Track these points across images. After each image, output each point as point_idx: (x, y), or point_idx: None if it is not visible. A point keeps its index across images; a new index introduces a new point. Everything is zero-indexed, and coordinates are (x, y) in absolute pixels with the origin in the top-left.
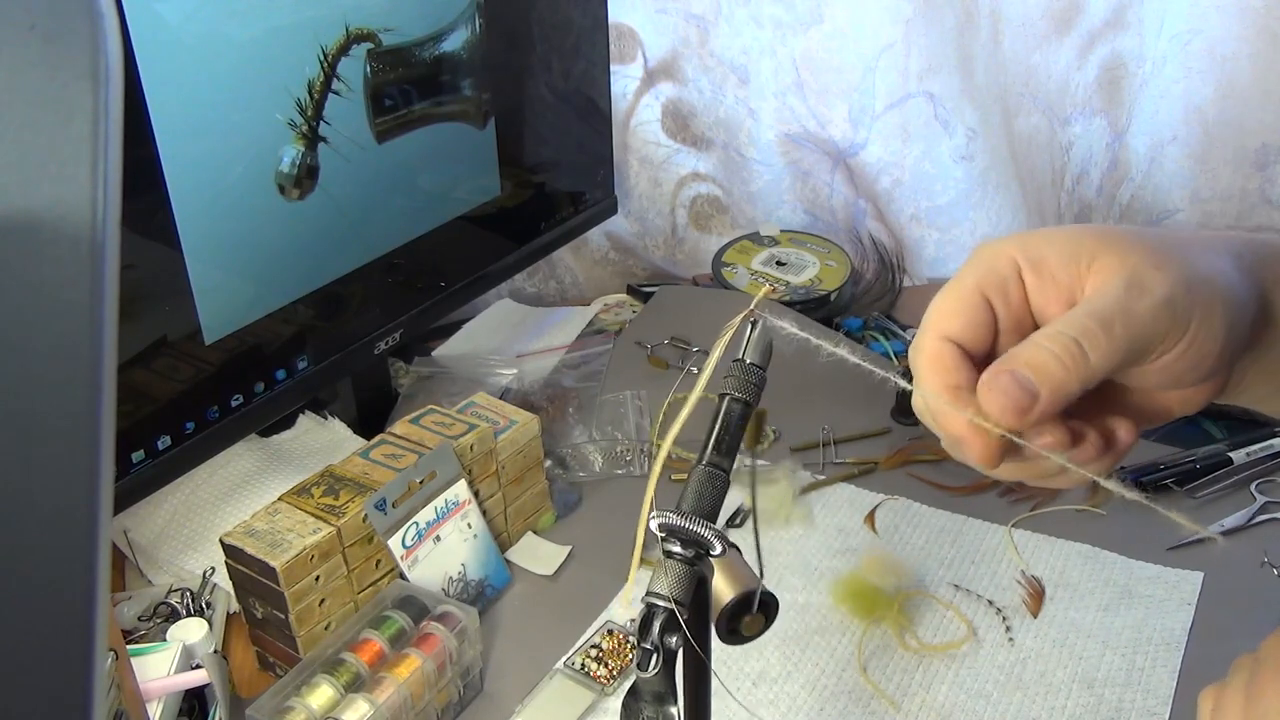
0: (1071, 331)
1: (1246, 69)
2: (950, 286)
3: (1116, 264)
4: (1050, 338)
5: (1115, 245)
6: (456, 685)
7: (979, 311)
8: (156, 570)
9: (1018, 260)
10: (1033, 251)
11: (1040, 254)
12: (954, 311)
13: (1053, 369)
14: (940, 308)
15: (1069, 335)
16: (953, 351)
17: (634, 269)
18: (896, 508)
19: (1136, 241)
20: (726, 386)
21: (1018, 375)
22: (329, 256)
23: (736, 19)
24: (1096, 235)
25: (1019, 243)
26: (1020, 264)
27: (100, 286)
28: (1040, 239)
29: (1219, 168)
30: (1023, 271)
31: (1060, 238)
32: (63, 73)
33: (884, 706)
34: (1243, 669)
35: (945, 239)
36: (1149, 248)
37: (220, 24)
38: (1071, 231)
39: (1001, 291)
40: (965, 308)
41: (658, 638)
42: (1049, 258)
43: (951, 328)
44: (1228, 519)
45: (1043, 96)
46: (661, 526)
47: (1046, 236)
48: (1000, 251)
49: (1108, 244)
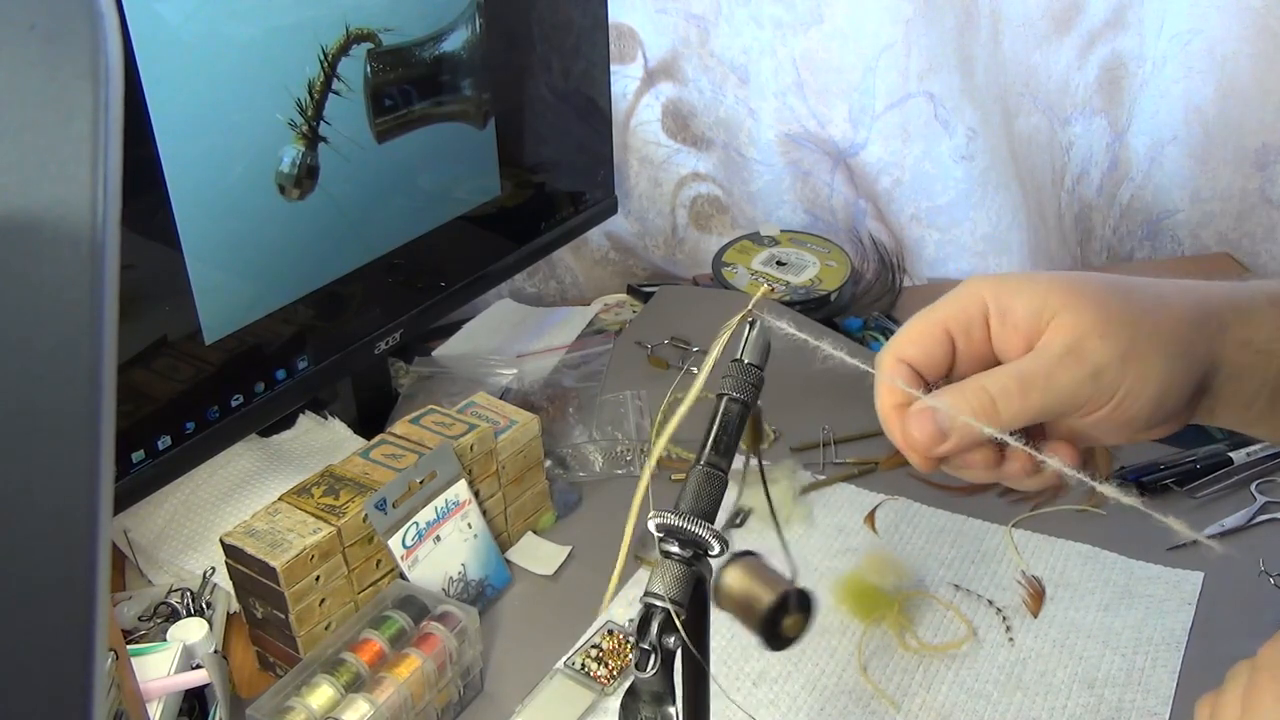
0: (992, 389)
1: (1246, 69)
2: (921, 314)
3: (1068, 327)
4: (975, 390)
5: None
6: (456, 685)
7: (938, 345)
8: (156, 570)
9: (988, 305)
10: (1004, 299)
11: (1009, 304)
12: (915, 339)
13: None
14: (906, 332)
15: (988, 392)
16: (905, 372)
17: (634, 269)
18: (896, 508)
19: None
20: (724, 386)
21: (937, 415)
22: (329, 256)
23: (736, 19)
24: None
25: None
26: (989, 308)
27: (100, 286)
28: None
29: (1219, 168)
30: (990, 316)
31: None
32: (63, 73)
33: (884, 706)
34: (1239, 676)
35: (945, 239)
36: (1106, 312)
37: (220, 24)
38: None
39: (964, 330)
40: (926, 339)
41: (655, 638)
42: (1016, 309)
43: (909, 352)
44: (1228, 519)
45: (1043, 96)
46: (659, 527)
47: (1019, 286)
48: (975, 293)
49: (1070, 303)
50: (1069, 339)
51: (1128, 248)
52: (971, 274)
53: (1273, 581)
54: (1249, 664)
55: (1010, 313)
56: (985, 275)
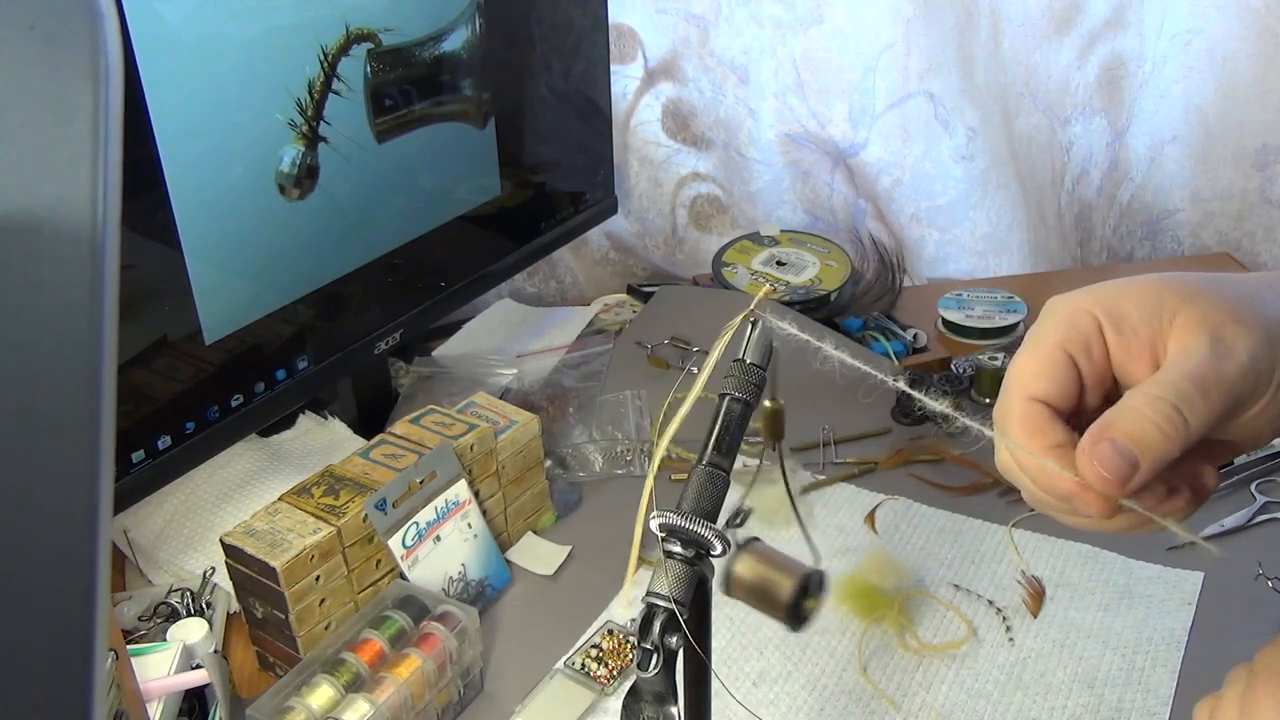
0: (1171, 397)
1: (1246, 69)
2: (1032, 346)
3: (1198, 320)
4: (1150, 404)
5: (1196, 300)
6: (456, 685)
7: (1064, 370)
8: (156, 570)
9: (1098, 317)
10: (1112, 308)
11: (1121, 310)
12: (1039, 372)
13: (1154, 438)
14: (1024, 368)
15: (1168, 401)
16: (1044, 412)
17: (634, 269)
18: (896, 508)
19: (1215, 295)
20: (726, 386)
21: (1118, 445)
22: (329, 256)
23: (736, 19)
24: (1176, 289)
25: (1097, 298)
26: (1101, 321)
27: (100, 286)
28: (1117, 293)
29: (1219, 168)
30: (1104, 329)
31: (1139, 292)
32: (63, 73)
33: (884, 706)
34: (1238, 681)
35: (945, 239)
36: (1228, 302)
37: (220, 24)
38: (1149, 285)
39: (1085, 349)
40: (1050, 367)
41: (658, 638)
42: (1130, 314)
43: (1038, 388)
44: (1228, 519)
45: (1043, 96)
46: (662, 526)
47: (1123, 290)
48: (1080, 308)
49: (1188, 299)
50: (1209, 333)
51: (1128, 248)
52: (972, 274)
53: (1270, 585)
54: (1247, 668)
55: (1126, 318)
56: (1070, 294)
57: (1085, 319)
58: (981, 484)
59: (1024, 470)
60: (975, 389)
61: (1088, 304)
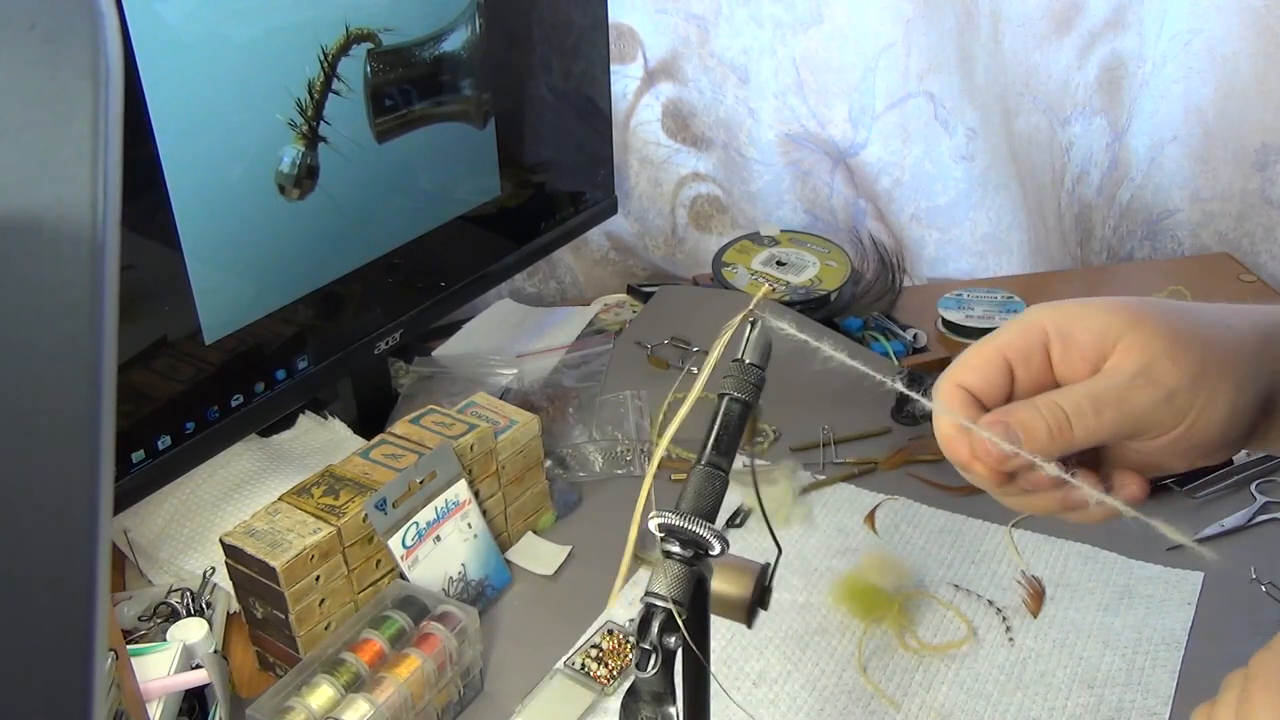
0: (1066, 406)
1: (1246, 69)
2: (979, 344)
3: (1138, 349)
4: (1048, 406)
5: (1142, 328)
6: (456, 685)
7: (996, 373)
8: (156, 570)
9: (1048, 332)
10: (1064, 325)
11: (1071, 329)
12: (974, 367)
13: (1039, 434)
14: (964, 360)
15: (1062, 408)
16: (963, 396)
17: (634, 269)
18: (896, 508)
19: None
20: (726, 386)
21: (1008, 427)
22: (329, 256)
23: (736, 19)
24: (1129, 316)
25: (1055, 315)
26: (1050, 336)
27: (100, 286)
28: (1076, 313)
29: (1219, 168)
30: (1050, 343)
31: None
32: (63, 73)
33: (884, 706)
34: (1233, 686)
35: (945, 239)
36: (1173, 335)
37: (220, 24)
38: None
39: (1024, 358)
40: (985, 366)
41: (656, 638)
42: (1078, 333)
43: (967, 379)
44: (1227, 519)
45: (1043, 96)
46: (660, 526)
47: (1083, 310)
48: (1035, 321)
49: (1136, 325)
50: (1140, 361)
51: (1128, 248)
52: (972, 274)
53: (1264, 589)
54: (1242, 673)
55: (1073, 338)
56: (1044, 304)
57: (1035, 332)
58: None
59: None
60: None
61: (1045, 319)
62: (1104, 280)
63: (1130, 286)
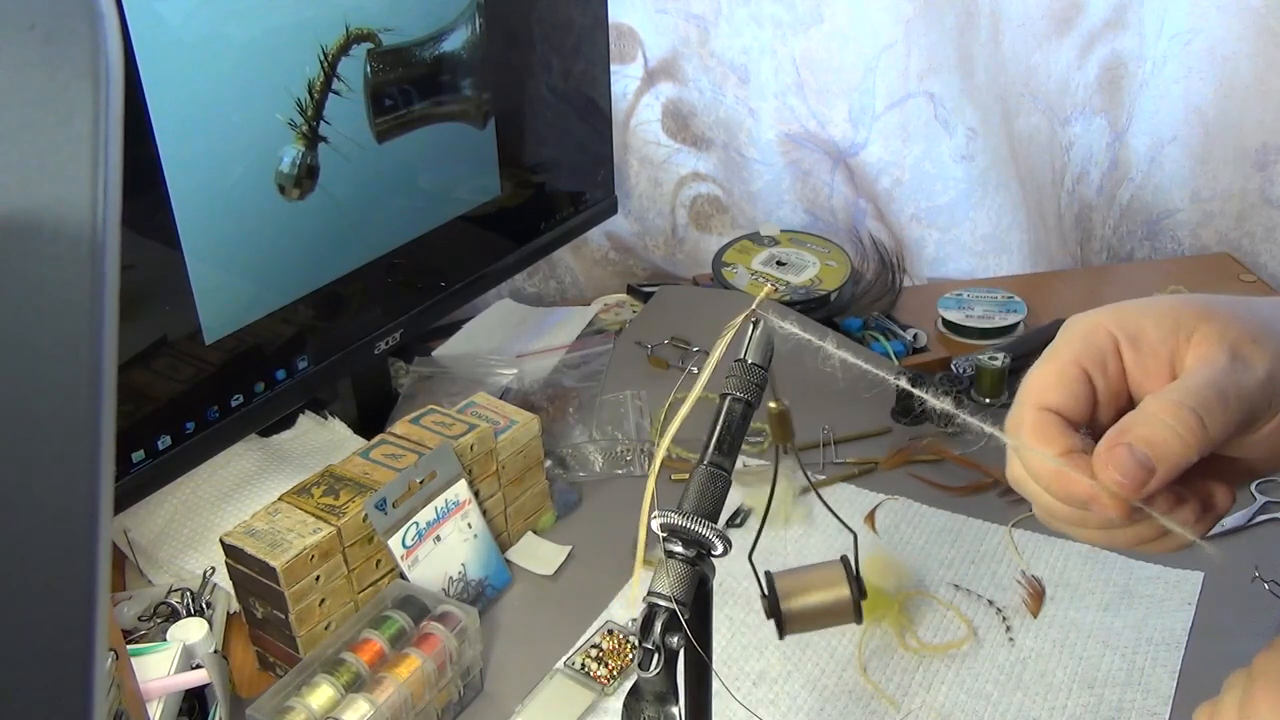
0: (1191, 403)
1: (1246, 69)
2: (1048, 359)
3: (1217, 335)
4: (1169, 410)
5: (1213, 318)
6: (456, 685)
7: (1078, 385)
8: (156, 570)
9: (1115, 334)
10: (1130, 325)
11: (1138, 327)
12: (1053, 385)
13: (1172, 444)
14: (1039, 379)
15: (1188, 407)
16: (1056, 421)
17: (634, 269)
18: (896, 508)
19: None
20: (728, 386)
21: (1135, 450)
22: (329, 256)
23: (736, 19)
24: (1195, 308)
25: (1115, 316)
26: (1119, 338)
27: (100, 286)
28: (1136, 312)
29: (1219, 168)
30: (1121, 346)
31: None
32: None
33: (884, 706)
34: (1236, 686)
35: (945, 239)
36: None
37: (220, 24)
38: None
39: (1100, 365)
40: (1064, 381)
41: (659, 638)
42: (1148, 331)
43: (1051, 399)
44: (1228, 519)
45: (1043, 96)
46: (663, 526)
47: (1142, 309)
48: (1097, 325)
49: (1206, 316)
50: (1228, 349)
51: (1128, 248)
52: (972, 274)
53: (1267, 587)
54: (1245, 673)
55: (1143, 335)
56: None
57: (1102, 335)
58: (981, 484)
59: (1037, 477)
60: (975, 389)
61: (1106, 321)
62: (1104, 280)
63: (1130, 286)
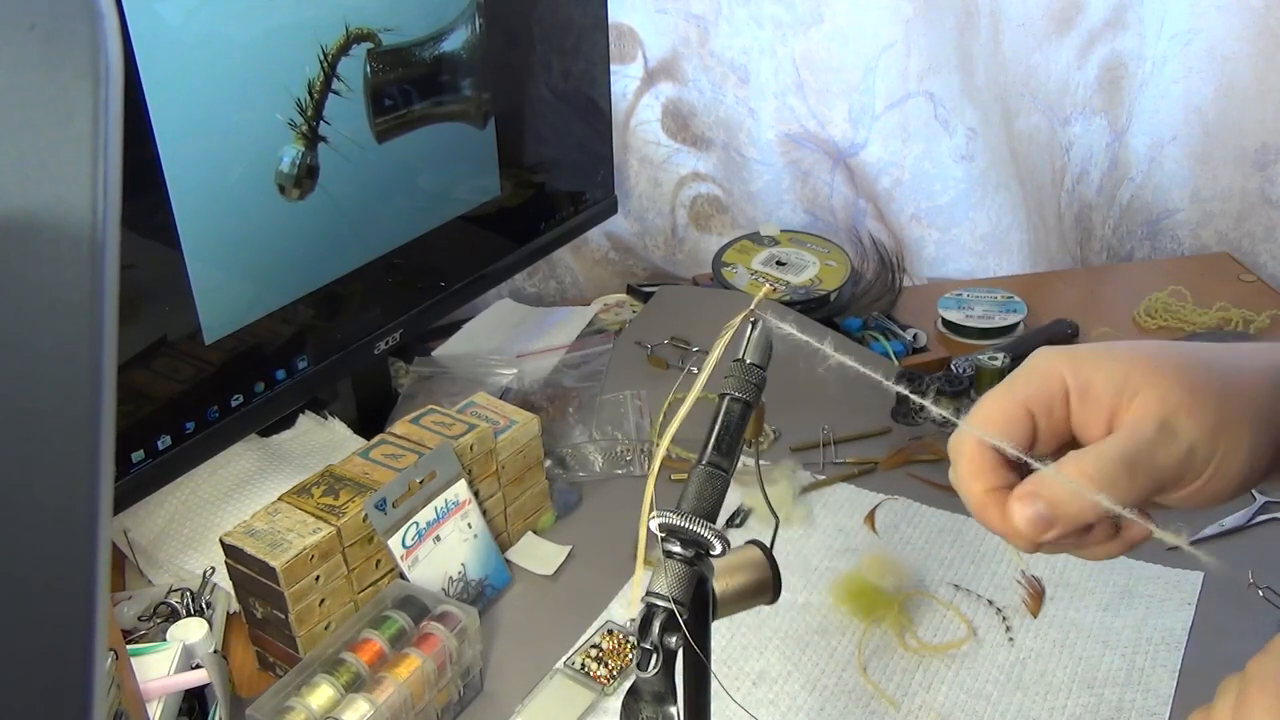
0: (1097, 474)
1: (1246, 69)
2: (1001, 393)
3: (1156, 403)
4: (1078, 476)
5: (1158, 382)
6: (456, 685)
7: (1020, 425)
8: (156, 570)
9: (1067, 383)
10: (1083, 377)
11: (1088, 380)
12: (997, 421)
13: (1072, 508)
14: (986, 413)
15: (1094, 478)
16: (991, 457)
17: (634, 269)
18: (896, 508)
19: (1178, 380)
20: (726, 386)
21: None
22: (329, 256)
23: (736, 19)
24: (1145, 367)
25: (1071, 364)
26: (1070, 388)
27: (100, 286)
28: (1091, 363)
29: (1219, 168)
30: (1070, 395)
31: (1110, 365)
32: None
33: (884, 706)
34: (1229, 690)
35: (945, 239)
36: (1189, 386)
37: (220, 24)
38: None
39: (1046, 409)
40: (1009, 420)
41: (657, 638)
42: (1095, 384)
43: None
44: (1228, 519)
45: (1043, 96)
46: (661, 526)
47: (1097, 361)
48: (1053, 371)
49: (1152, 379)
50: (1160, 418)
51: (1128, 248)
52: (972, 274)
53: (1261, 593)
54: (1238, 677)
55: (1090, 389)
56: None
57: (1055, 382)
58: None
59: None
60: (975, 389)
61: (1062, 368)
62: (1104, 280)
63: (1130, 286)
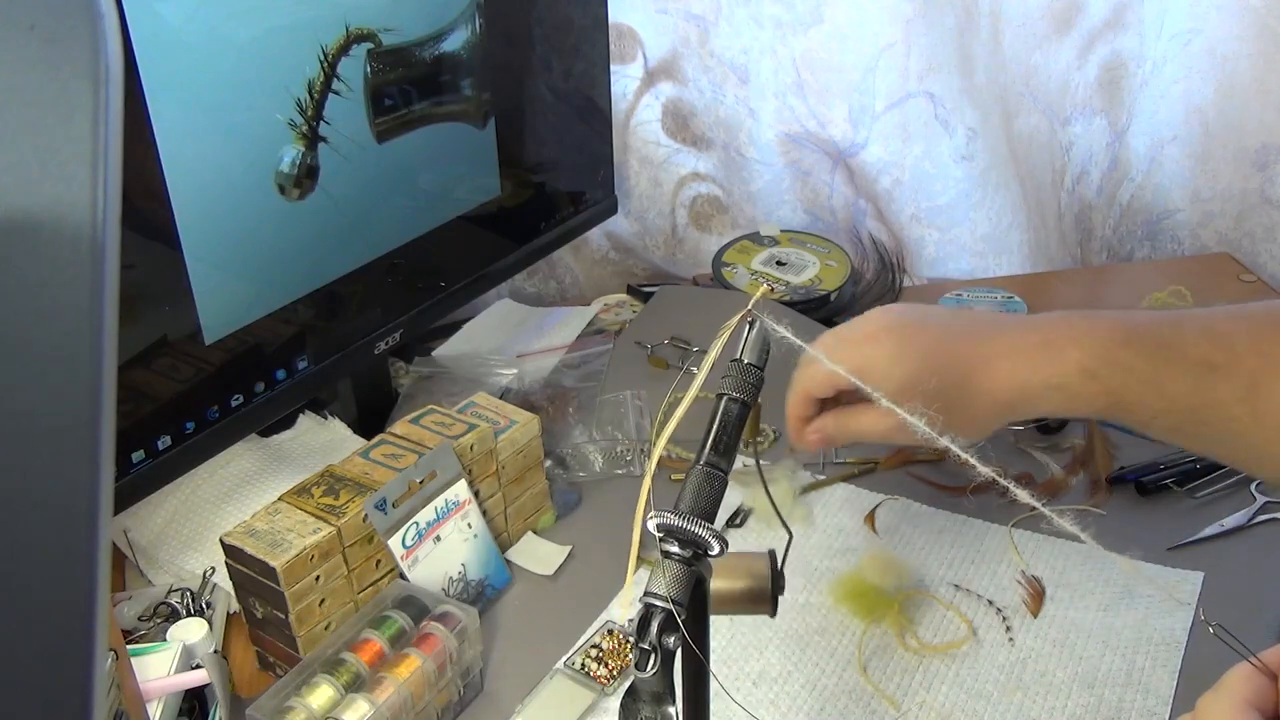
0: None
1: (1246, 69)
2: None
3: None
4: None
5: (913, 343)
6: (456, 685)
7: (831, 383)
8: (156, 570)
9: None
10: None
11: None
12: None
13: (790, 411)
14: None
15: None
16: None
17: (634, 269)
18: (896, 508)
19: (920, 364)
20: (724, 386)
21: (817, 433)
22: (329, 256)
23: (736, 19)
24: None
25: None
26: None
27: (100, 286)
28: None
29: (1219, 168)
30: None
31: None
32: (63, 73)
33: (884, 706)
34: None
35: (945, 239)
36: (923, 368)
37: (220, 24)
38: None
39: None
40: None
41: (655, 638)
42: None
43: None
44: (1228, 519)
45: (1043, 96)
46: (659, 526)
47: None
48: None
49: (893, 337)
50: (908, 374)
51: (1128, 248)
52: (972, 274)
53: (1211, 630)
54: (1189, 717)
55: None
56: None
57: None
58: (981, 484)
59: (788, 418)
60: None
61: (845, 359)
62: (1104, 280)
63: (1130, 286)
